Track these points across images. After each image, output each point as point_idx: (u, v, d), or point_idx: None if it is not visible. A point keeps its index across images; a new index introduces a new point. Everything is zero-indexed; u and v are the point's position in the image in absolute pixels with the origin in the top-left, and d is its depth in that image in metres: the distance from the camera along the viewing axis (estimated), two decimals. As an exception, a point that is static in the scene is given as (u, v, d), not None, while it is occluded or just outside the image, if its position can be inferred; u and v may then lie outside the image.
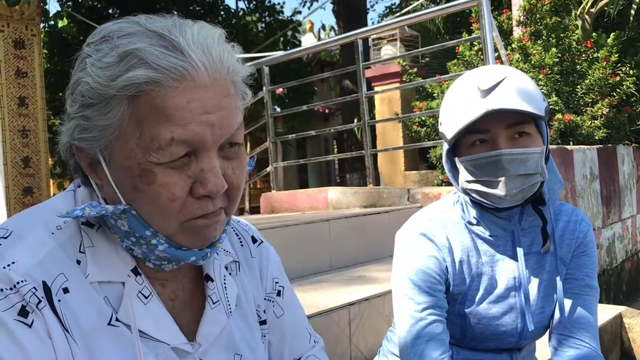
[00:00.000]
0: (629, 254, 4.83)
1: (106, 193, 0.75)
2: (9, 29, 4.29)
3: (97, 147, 0.71)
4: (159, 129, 0.67)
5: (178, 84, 0.67)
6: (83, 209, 0.71)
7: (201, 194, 0.70)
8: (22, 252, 0.70)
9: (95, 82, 0.68)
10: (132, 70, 0.66)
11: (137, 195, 0.70)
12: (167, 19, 0.72)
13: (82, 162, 0.74)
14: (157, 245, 0.73)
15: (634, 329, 2.74)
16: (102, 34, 0.72)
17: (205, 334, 0.81)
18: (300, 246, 2.72)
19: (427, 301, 1.24)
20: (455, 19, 8.34)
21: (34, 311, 0.67)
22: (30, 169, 4.33)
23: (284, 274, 1.01)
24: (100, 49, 0.70)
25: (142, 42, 0.67)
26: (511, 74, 1.17)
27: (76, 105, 0.71)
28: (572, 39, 4.90)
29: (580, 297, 1.28)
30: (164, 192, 0.69)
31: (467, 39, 4.40)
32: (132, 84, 0.66)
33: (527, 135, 1.17)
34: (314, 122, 12.52)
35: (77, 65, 0.72)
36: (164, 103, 0.67)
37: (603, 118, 4.64)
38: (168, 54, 0.66)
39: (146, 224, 0.72)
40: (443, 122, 1.24)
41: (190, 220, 0.71)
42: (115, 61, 0.67)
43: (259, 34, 11.63)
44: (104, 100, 0.68)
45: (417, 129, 5.51)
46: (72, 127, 0.72)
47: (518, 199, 1.19)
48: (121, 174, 0.71)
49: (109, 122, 0.69)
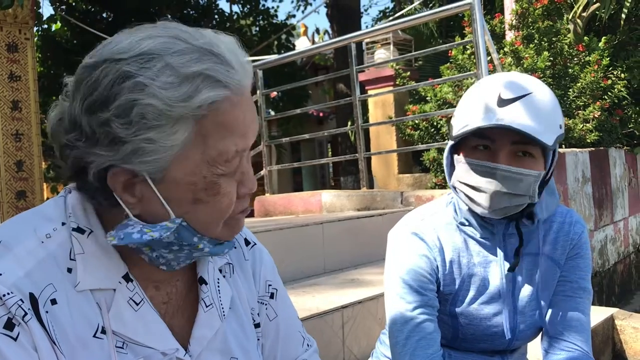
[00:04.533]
0: (621, 256, 4.86)
1: (142, 210, 0.73)
2: (2, 32, 4.28)
3: (149, 169, 0.70)
4: (224, 143, 0.71)
5: (239, 99, 0.71)
6: (141, 231, 0.71)
7: (244, 193, 0.76)
8: (10, 264, 0.69)
9: (163, 104, 0.67)
10: (205, 90, 0.68)
11: (196, 207, 0.72)
12: (184, 27, 0.73)
13: (117, 184, 0.71)
14: (203, 248, 0.76)
15: (625, 331, 2.75)
16: (139, 50, 0.68)
17: (198, 337, 0.81)
18: (294, 249, 2.73)
19: (418, 300, 1.24)
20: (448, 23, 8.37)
21: (20, 324, 0.67)
22: (23, 172, 4.32)
23: (277, 277, 1.01)
24: (148, 67, 0.67)
25: (202, 61, 0.68)
26: (538, 91, 1.15)
27: (133, 128, 0.67)
28: (564, 42, 4.94)
29: (574, 299, 1.28)
30: (225, 200, 0.73)
31: (460, 43, 4.42)
32: (207, 103, 0.68)
33: (530, 156, 1.16)
34: (308, 126, 12.54)
35: (110, 85, 0.67)
36: (227, 118, 0.70)
37: (595, 121, 4.67)
38: (230, 70, 0.70)
39: (195, 232, 0.74)
40: (456, 116, 1.23)
41: (231, 218, 0.76)
42: (179, 81, 0.67)
43: (253, 37, 11.64)
44: (172, 120, 0.68)
45: (411, 132, 5.53)
46: (128, 150, 0.68)
47: (499, 214, 1.19)
48: (179, 189, 0.71)
49: (176, 142, 0.68)
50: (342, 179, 9.58)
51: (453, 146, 1.25)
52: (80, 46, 9.42)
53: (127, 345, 0.74)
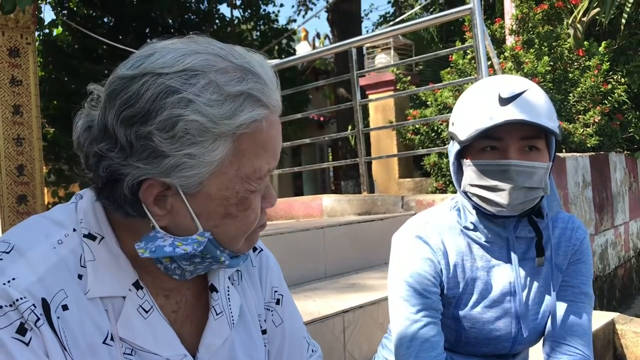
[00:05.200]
0: (621, 261, 4.86)
1: (170, 222, 0.73)
2: (3, 37, 4.29)
3: (189, 182, 0.70)
4: (259, 161, 0.73)
5: (275, 118, 0.75)
6: (173, 244, 0.72)
7: (266, 207, 0.78)
8: (22, 268, 0.70)
9: (208, 121, 0.68)
10: (247, 108, 0.70)
11: (226, 221, 0.74)
12: (221, 45, 0.74)
13: (150, 197, 0.71)
14: (224, 261, 0.77)
15: (626, 335, 2.75)
16: (179, 66, 0.69)
17: (207, 345, 0.81)
18: (295, 254, 2.73)
19: (422, 303, 1.25)
20: (448, 28, 8.39)
21: (32, 329, 0.67)
22: (24, 177, 4.32)
23: (283, 283, 1.01)
24: (193, 83, 0.68)
25: (245, 80, 0.70)
26: (532, 87, 1.19)
27: (177, 143, 0.68)
28: (564, 47, 4.95)
29: (575, 304, 1.29)
30: (252, 214, 0.76)
31: (460, 48, 4.44)
32: (248, 122, 0.70)
33: (537, 149, 1.18)
34: (308, 130, 12.54)
35: (154, 99, 0.67)
36: (263, 136, 0.73)
37: (595, 126, 4.67)
38: (267, 89, 0.72)
39: (219, 245, 0.75)
40: (456, 123, 1.24)
41: (252, 232, 0.78)
42: (223, 99, 0.69)
43: (253, 42, 11.66)
44: (213, 137, 0.69)
45: (411, 137, 5.53)
46: (169, 164, 0.69)
47: (517, 210, 1.20)
48: (211, 203, 0.72)
49: (214, 158, 0.70)
50: (342, 184, 9.59)
51: (458, 152, 1.26)
52: (82, 51, 9.44)
53: (135, 352, 0.75)
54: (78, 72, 8.90)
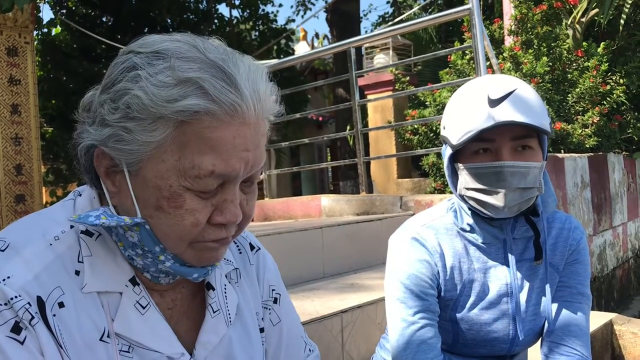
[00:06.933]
0: (620, 261, 4.86)
1: (118, 201, 0.75)
2: (2, 36, 4.29)
3: (126, 159, 0.71)
4: (201, 159, 0.69)
5: (230, 119, 0.69)
6: (98, 216, 0.71)
7: (219, 221, 0.72)
8: (18, 266, 0.70)
9: (148, 99, 0.68)
10: (191, 97, 0.67)
11: (158, 214, 0.71)
12: (217, 44, 0.74)
13: (101, 167, 0.74)
14: (165, 262, 0.74)
15: (624, 336, 2.75)
16: (154, 47, 0.71)
17: (204, 342, 0.81)
18: (293, 254, 2.72)
19: (419, 305, 1.24)
20: (447, 28, 8.40)
21: (26, 328, 0.67)
22: (22, 176, 4.32)
23: (280, 282, 1.01)
24: (154, 64, 0.69)
25: (203, 71, 0.68)
26: (520, 86, 1.18)
27: (118, 114, 0.70)
28: (563, 48, 4.95)
29: (573, 304, 1.29)
30: (189, 217, 0.71)
31: (459, 48, 4.44)
32: (188, 110, 0.67)
33: (529, 149, 1.18)
34: (307, 130, 12.53)
35: (120, 71, 0.71)
36: (212, 134, 0.68)
37: (594, 126, 4.68)
38: (228, 89, 0.68)
39: (157, 240, 0.73)
40: (447, 127, 1.24)
41: (200, 242, 0.73)
42: (173, 83, 0.68)
43: (252, 42, 11.65)
44: (153, 117, 0.68)
45: (410, 137, 5.53)
46: (107, 134, 0.71)
47: (514, 211, 1.20)
48: (147, 190, 0.71)
49: (152, 139, 0.69)
50: (341, 184, 9.60)
51: (452, 155, 1.25)
52: (80, 50, 9.43)
53: (133, 349, 0.75)
54: (76, 71, 8.88)
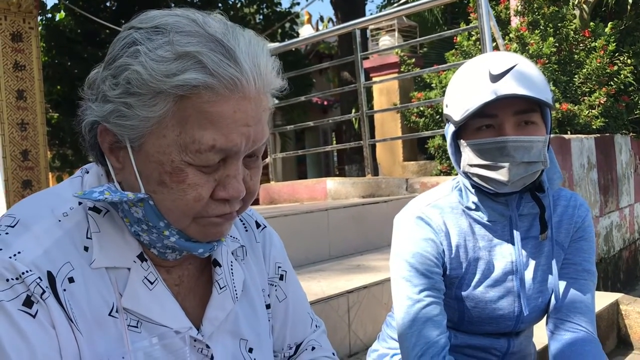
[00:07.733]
0: (626, 243, 4.86)
1: (123, 178, 0.76)
2: (6, 21, 4.28)
3: (128, 135, 0.71)
4: (202, 133, 0.68)
5: (230, 93, 0.68)
6: (102, 192, 0.72)
7: (222, 196, 0.73)
8: (28, 242, 0.71)
9: (147, 74, 0.68)
10: (189, 71, 0.67)
11: (161, 189, 0.71)
12: (218, 19, 0.73)
13: (104, 143, 0.74)
14: (170, 237, 0.75)
15: (630, 316, 2.76)
16: (154, 22, 0.71)
17: (211, 318, 0.82)
18: (300, 236, 2.74)
19: (424, 283, 1.25)
20: (453, 9, 8.32)
21: (38, 301, 0.68)
22: (29, 162, 4.33)
23: (286, 258, 1.02)
24: (154, 39, 0.69)
25: (202, 45, 0.68)
26: (521, 61, 1.18)
27: (118, 90, 0.70)
28: (570, 28, 4.91)
29: (578, 281, 1.29)
30: (191, 192, 0.71)
31: (465, 29, 4.40)
32: (186, 85, 0.67)
33: (532, 123, 1.18)
34: (312, 114, 12.50)
35: (121, 47, 0.71)
36: (212, 109, 0.68)
37: (601, 107, 4.64)
38: (227, 62, 0.68)
39: (161, 216, 0.73)
40: (450, 104, 1.24)
41: (204, 217, 0.74)
42: (172, 57, 0.67)
43: (256, 26, 11.58)
44: (152, 93, 0.68)
45: (416, 120, 5.52)
46: (109, 109, 0.71)
47: (519, 186, 1.20)
48: (149, 165, 0.71)
49: (152, 114, 0.69)
50: (346, 167, 9.57)
51: (455, 133, 1.25)
52: (84, 35, 9.41)
53: (141, 323, 0.76)
54: (81, 56, 8.88)
